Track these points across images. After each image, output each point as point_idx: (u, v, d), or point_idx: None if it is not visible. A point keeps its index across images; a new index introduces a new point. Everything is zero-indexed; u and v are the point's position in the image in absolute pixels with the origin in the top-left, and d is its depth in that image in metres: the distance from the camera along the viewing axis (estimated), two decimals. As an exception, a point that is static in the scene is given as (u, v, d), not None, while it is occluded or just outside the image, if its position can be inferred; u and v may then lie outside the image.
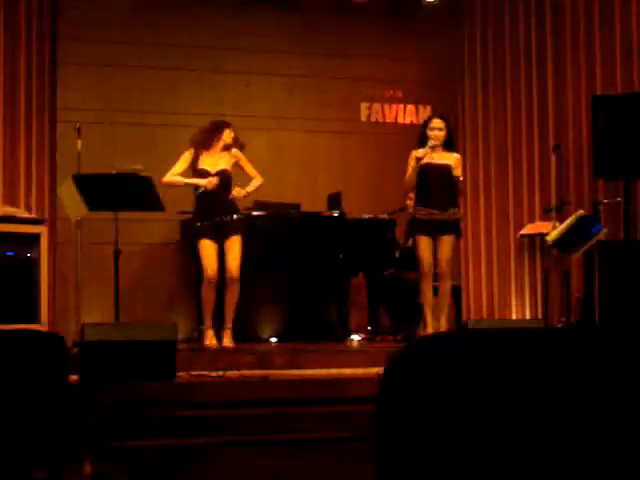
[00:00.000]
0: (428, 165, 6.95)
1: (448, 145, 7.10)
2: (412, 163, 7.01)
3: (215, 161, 7.04)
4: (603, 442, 1.34)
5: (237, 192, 6.99)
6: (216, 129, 7.11)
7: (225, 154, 7.10)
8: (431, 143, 6.97)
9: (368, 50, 9.41)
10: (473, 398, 1.35)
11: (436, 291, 7.11)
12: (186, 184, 7.04)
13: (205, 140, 7.06)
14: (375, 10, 9.43)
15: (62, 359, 3.61)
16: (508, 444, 1.34)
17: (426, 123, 7.20)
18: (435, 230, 6.98)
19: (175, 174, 7.01)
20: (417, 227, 7.10)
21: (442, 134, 7.04)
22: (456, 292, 8.34)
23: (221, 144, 7.07)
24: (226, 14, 9.08)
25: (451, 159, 7.04)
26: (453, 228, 7.04)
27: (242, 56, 9.03)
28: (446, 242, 6.99)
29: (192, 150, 7.05)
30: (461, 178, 7.20)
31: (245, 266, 7.03)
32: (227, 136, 7.09)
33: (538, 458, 1.34)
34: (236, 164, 7.11)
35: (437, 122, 7.10)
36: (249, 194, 7.18)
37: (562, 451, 1.34)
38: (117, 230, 6.47)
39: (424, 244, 7.00)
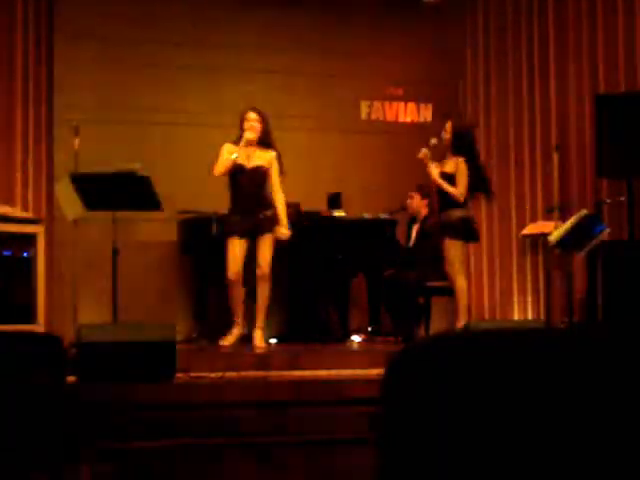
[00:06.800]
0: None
1: (457, 150, 7.12)
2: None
3: (248, 154, 6.83)
4: (606, 444, 1.31)
5: (283, 235, 6.91)
6: (240, 121, 6.88)
7: (262, 151, 6.89)
8: (431, 142, 7.06)
9: (369, 48, 9.38)
10: (474, 399, 1.32)
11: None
12: (226, 166, 6.77)
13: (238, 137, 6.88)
14: (376, 8, 9.41)
15: (60, 360, 3.59)
16: (510, 446, 1.31)
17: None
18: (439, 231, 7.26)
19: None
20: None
21: (444, 136, 7.08)
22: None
23: (245, 133, 6.81)
24: (226, 12, 9.05)
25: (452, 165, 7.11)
26: (447, 229, 7.16)
27: (242, 54, 9.01)
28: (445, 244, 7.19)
29: (229, 143, 6.85)
30: (456, 188, 7.16)
31: (245, 266, 6.98)
32: (247, 121, 6.83)
33: (540, 460, 1.31)
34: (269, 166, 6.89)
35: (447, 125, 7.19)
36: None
37: (565, 453, 1.31)
38: (115, 230, 6.43)
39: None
